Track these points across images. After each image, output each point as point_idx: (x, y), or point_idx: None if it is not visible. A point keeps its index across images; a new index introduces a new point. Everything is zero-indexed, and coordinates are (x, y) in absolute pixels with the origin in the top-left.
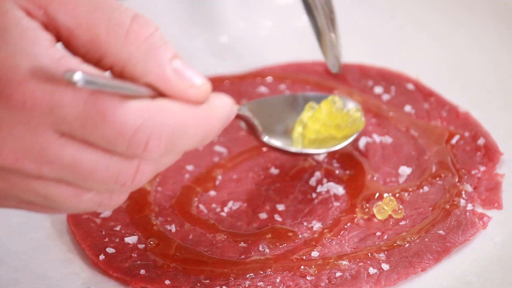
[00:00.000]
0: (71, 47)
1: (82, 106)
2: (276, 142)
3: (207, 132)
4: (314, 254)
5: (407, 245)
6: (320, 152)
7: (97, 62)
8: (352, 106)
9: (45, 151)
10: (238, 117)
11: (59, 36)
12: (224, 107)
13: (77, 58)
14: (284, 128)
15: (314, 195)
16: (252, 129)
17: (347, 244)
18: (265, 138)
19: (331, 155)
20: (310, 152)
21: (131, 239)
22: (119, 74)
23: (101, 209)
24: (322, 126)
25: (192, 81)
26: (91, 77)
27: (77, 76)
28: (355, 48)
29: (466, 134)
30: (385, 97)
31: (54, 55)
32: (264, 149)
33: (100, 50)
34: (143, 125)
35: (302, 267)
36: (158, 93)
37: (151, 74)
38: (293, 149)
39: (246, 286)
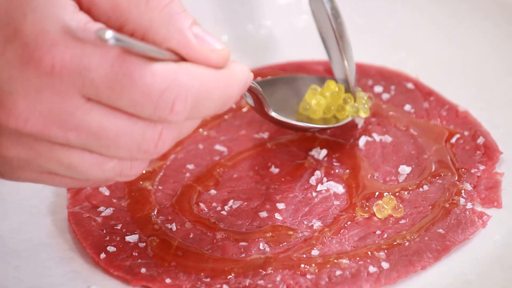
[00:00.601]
0: (92, 15)
1: (110, 68)
2: (282, 118)
3: (228, 96)
4: (314, 252)
5: (407, 243)
6: (323, 127)
7: (119, 30)
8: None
9: (72, 117)
10: (249, 89)
11: (80, 4)
12: (243, 72)
13: (100, 23)
14: (286, 107)
15: (314, 194)
16: (258, 104)
17: (347, 243)
18: (273, 113)
19: (330, 154)
20: (313, 127)
21: (131, 238)
22: (142, 41)
23: (121, 178)
24: (326, 107)
25: (213, 46)
26: (121, 35)
27: (109, 34)
28: (355, 48)
29: (466, 133)
30: (385, 96)
31: (81, 19)
32: (269, 145)
33: (121, 17)
34: (169, 87)
35: (302, 265)
36: (180, 59)
37: (172, 39)
38: (298, 123)
39: (247, 284)
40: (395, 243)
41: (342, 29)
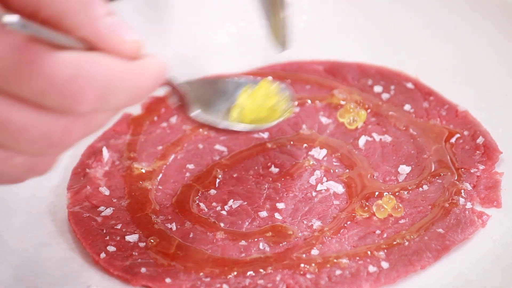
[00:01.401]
0: (6, 2)
1: (13, 55)
2: (207, 118)
3: (139, 88)
4: (314, 252)
5: (406, 243)
6: (248, 129)
7: (31, 16)
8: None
9: None
10: (168, 84)
11: None
12: (157, 65)
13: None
14: (218, 110)
15: (314, 193)
16: (182, 103)
17: (347, 243)
18: (193, 113)
19: (330, 154)
20: (238, 129)
21: (131, 238)
22: (53, 27)
23: (31, 175)
24: (259, 107)
25: (125, 36)
26: (27, 21)
27: (14, 18)
28: (355, 47)
29: (465, 133)
30: (385, 96)
31: None
32: (269, 144)
33: (36, 3)
34: (75, 76)
35: (302, 265)
36: (91, 48)
37: (85, 27)
38: (221, 125)
39: (246, 284)
40: (394, 242)
41: None
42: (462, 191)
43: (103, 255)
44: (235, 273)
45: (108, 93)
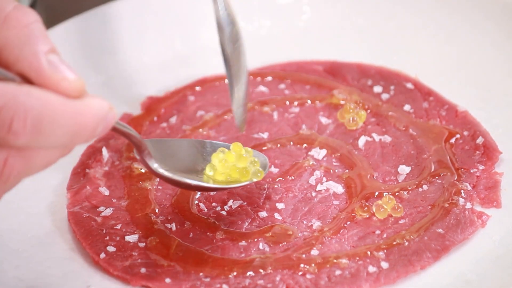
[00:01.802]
0: None
1: None
2: (168, 174)
3: (79, 126)
4: (314, 252)
5: (406, 243)
6: (214, 187)
7: None
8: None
9: None
10: (118, 131)
11: None
12: (100, 106)
13: None
14: (188, 169)
15: (313, 194)
16: (140, 154)
17: (346, 243)
18: (154, 166)
19: (330, 154)
20: (205, 185)
21: (131, 238)
22: None
23: None
24: (231, 169)
25: (65, 74)
26: None
27: None
28: (355, 47)
29: (465, 133)
30: (384, 96)
31: None
32: (269, 145)
33: None
34: (6, 105)
35: (302, 265)
36: (29, 83)
37: (24, 61)
38: (189, 180)
39: (246, 284)
40: (394, 243)
41: (237, 56)
42: (462, 191)
43: (103, 255)
44: (235, 273)
45: (43, 127)
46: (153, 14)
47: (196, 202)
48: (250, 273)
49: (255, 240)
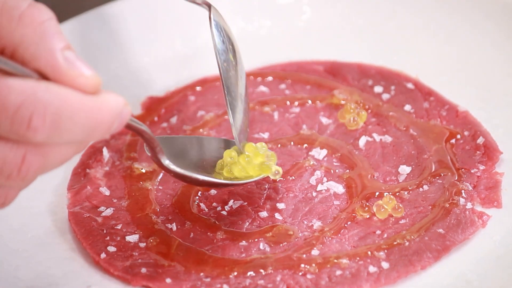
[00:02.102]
0: None
1: None
2: (180, 170)
3: (96, 122)
4: (314, 252)
5: (407, 243)
6: (227, 183)
7: None
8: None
9: None
10: (131, 128)
11: None
12: (116, 102)
13: None
14: (199, 166)
15: (314, 194)
16: (152, 151)
17: (347, 243)
18: (166, 162)
19: (331, 154)
20: (215, 181)
21: (132, 238)
22: (10, 57)
23: None
24: (250, 166)
25: (82, 71)
26: None
27: None
28: (355, 48)
29: (466, 133)
30: (385, 96)
31: None
32: (269, 144)
33: None
34: (26, 101)
35: (302, 265)
36: (46, 80)
37: (41, 58)
38: (200, 176)
39: (247, 284)
40: (395, 243)
41: (234, 82)
42: (463, 191)
43: (103, 255)
44: (236, 273)
45: (62, 123)
46: (154, 14)
47: (197, 202)
48: (250, 273)
49: (256, 240)
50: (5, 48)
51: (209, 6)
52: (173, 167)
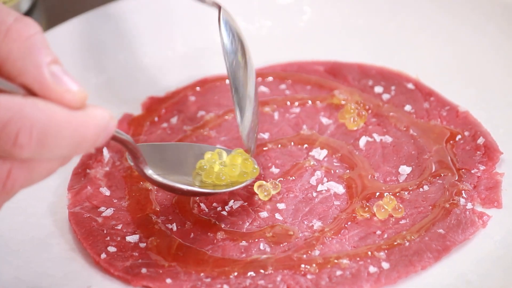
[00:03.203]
0: None
1: None
2: (164, 180)
3: (82, 137)
4: (315, 253)
5: (407, 243)
6: (213, 192)
7: None
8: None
9: None
10: (116, 139)
11: None
12: (102, 117)
13: None
14: (184, 173)
15: (314, 194)
16: (136, 161)
17: (347, 243)
18: (149, 172)
19: (331, 154)
20: (203, 191)
21: (132, 238)
22: None
23: None
24: (239, 174)
25: (68, 86)
26: None
27: None
28: (355, 48)
29: (466, 133)
30: (385, 96)
31: None
32: (269, 145)
33: None
34: (13, 118)
35: (302, 265)
36: (32, 95)
37: (28, 74)
38: (183, 187)
39: (247, 284)
40: (395, 243)
41: (243, 82)
42: (463, 191)
43: (103, 255)
44: (236, 273)
45: (48, 139)
46: (154, 14)
47: (197, 202)
48: (251, 273)
49: (256, 240)
50: None
51: (218, 7)
52: (155, 176)
